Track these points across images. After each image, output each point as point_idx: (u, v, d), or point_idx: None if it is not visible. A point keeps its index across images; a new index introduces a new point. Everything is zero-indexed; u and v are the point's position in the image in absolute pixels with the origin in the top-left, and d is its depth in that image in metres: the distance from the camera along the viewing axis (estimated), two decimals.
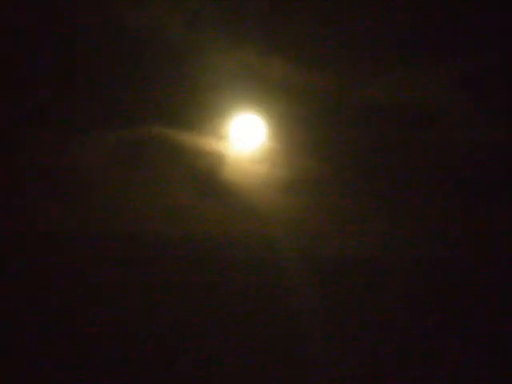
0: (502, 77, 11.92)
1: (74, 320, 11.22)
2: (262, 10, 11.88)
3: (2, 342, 10.84)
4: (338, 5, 11.84)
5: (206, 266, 11.80)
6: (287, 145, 11.97)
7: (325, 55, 11.94)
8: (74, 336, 10.94)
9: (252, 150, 12.06)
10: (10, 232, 11.75)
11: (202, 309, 11.47)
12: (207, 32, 11.83)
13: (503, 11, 11.83)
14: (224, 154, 12.00)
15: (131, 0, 11.93)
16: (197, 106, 11.92)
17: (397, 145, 11.98)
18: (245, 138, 12.06)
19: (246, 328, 11.10)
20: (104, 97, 11.95)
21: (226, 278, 11.68)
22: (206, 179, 11.98)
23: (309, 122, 11.96)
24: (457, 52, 11.91)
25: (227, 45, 11.81)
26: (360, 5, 11.90)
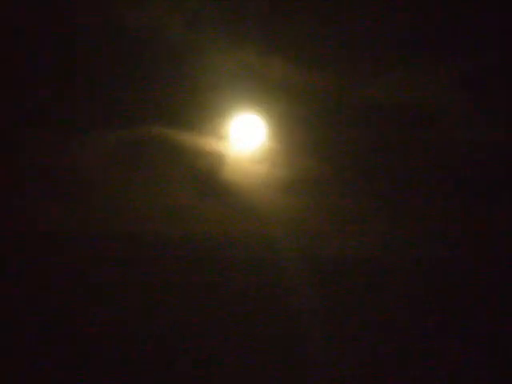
0: (502, 77, 11.92)
1: (74, 320, 11.22)
2: (262, 9, 11.88)
3: (2, 342, 10.83)
4: (338, 5, 11.84)
5: (206, 266, 11.80)
6: (287, 145, 11.96)
7: (325, 55, 11.94)
8: (74, 336, 10.94)
9: (252, 150, 12.06)
10: (10, 232, 11.75)
11: (202, 309, 11.47)
12: (207, 32, 11.83)
13: (503, 11, 11.83)
14: (224, 153, 12.00)
15: (131, 0, 11.93)
16: (197, 106, 11.92)
17: (397, 145, 11.98)
18: (245, 138, 12.06)
19: (246, 328, 11.10)
20: (104, 97, 11.95)
21: (226, 278, 11.69)
22: (206, 179, 11.98)
23: (309, 122, 11.96)
24: (457, 52, 11.91)
25: (227, 45, 11.81)
26: (360, 5, 11.90)
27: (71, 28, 11.90)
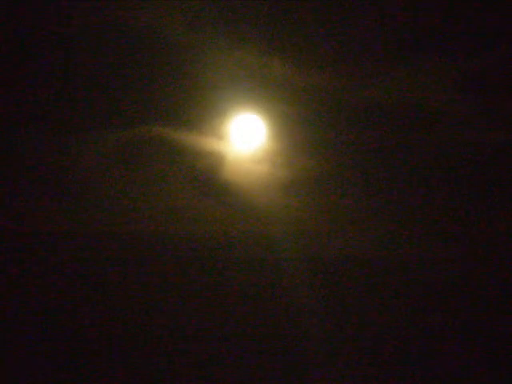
0: (502, 77, 11.93)
1: (74, 320, 11.22)
2: (262, 10, 11.88)
3: (2, 342, 10.83)
4: (337, 5, 11.84)
5: (206, 266, 11.80)
6: (287, 145, 11.97)
7: (324, 55, 11.94)
8: (74, 336, 10.94)
9: (252, 150, 12.06)
10: (10, 232, 11.75)
11: (202, 309, 11.47)
12: (207, 32, 11.84)
13: (503, 11, 11.83)
14: (224, 153, 12.00)
15: (131, 0, 11.94)
16: (197, 106, 11.94)
17: (397, 145, 11.98)
18: (245, 137, 12.06)
19: (246, 328, 11.10)
20: (104, 97, 11.95)
21: (226, 278, 11.69)
22: (206, 179, 11.99)
23: (309, 122, 11.97)
24: (457, 52, 11.92)
25: (227, 45, 11.81)
26: (360, 5, 11.90)
27: (71, 28, 11.90)
